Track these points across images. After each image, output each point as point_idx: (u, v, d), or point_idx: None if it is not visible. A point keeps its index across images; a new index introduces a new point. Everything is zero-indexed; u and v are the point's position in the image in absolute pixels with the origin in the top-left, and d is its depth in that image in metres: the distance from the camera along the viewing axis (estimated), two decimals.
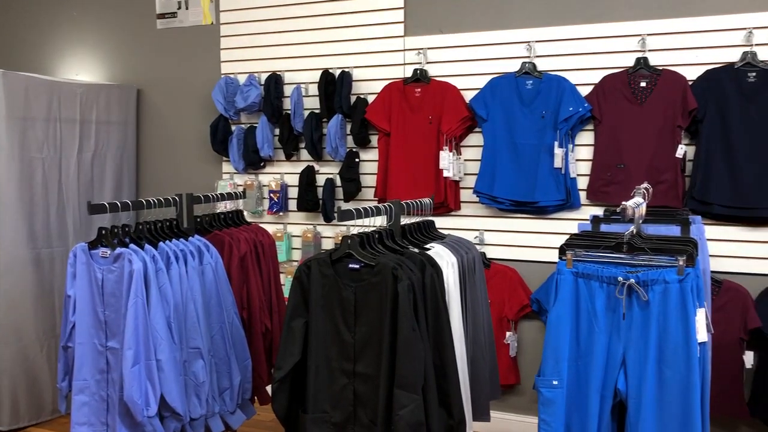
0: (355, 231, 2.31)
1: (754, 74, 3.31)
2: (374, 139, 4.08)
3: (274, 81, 4.24)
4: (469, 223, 3.95)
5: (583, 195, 3.69)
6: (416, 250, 2.42)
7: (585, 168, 3.68)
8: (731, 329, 3.30)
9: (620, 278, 1.89)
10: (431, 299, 2.21)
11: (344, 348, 2.18)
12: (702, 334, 1.91)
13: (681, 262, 1.86)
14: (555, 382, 1.97)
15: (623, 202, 1.96)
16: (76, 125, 4.21)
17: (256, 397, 3.05)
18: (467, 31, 3.90)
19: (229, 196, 3.24)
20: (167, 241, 2.64)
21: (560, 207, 3.70)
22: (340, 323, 2.19)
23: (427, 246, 2.50)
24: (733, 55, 3.38)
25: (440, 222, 3.85)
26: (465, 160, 3.94)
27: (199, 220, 3.01)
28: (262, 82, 4.30)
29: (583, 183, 3.69)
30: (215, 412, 2.71)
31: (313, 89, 4.18)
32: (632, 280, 1.88)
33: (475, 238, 3.90)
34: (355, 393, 2.18)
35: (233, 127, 4.41)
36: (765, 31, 3.33)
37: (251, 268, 2.94)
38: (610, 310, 1.93)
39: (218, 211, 3.17)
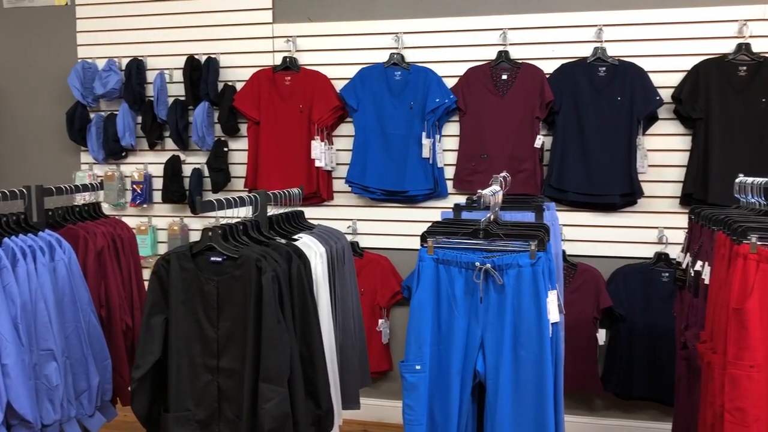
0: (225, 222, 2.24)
1: (604, 69, 3.52)
2: (243, 128, 3.99)
3: (136, 66, 4.03)
4: (342, 212, 3.95)
5: (450, 184, 3.79)
6: (283, 241, 2.39)
7: (452, 158, 3.78)
8: (586, 309, 3.52)
9: (477, 263, 1.95)
10: (298, 290, 2.18)
11: (207, 344, 2.12)
12: (554, 315, 2.01)
13: (533, 247, 1.94)
14: (418, 367, 2.00)
15: (479, 190, 2.02)
16: None
17: (118, 398, 2.91)
18: (336, 20, 3.89)
19: (85, 188, 3.04)
20: (13, 237, 2.45)
21: (429, 196, 3.78)
22: (202, 318, 2.12)
23: (295, 237, 2.47)
24: (586, 51, 3.58)
25: (313, 212, 3.85)
26: (337, 149, 3.93)
27: (51, 213, 2.81)
28: (123, 68, 4.08)
29: (450, 172, 3.79)
30: (71, 417, 2.55)
31: (178, 75, 4.03)
32: (488, 265, 1.94)
33: (348, 227, 3.92)
34: (220, 389, 2.12)
35: (92, 115, 4.16)
36: (614, 29, 3.55)
37: (109, 264, 2.79)
38: (469, 295, 1.99)
39: (75, 204, 2.98)
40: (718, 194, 3.28)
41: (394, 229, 3.88)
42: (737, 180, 2.55)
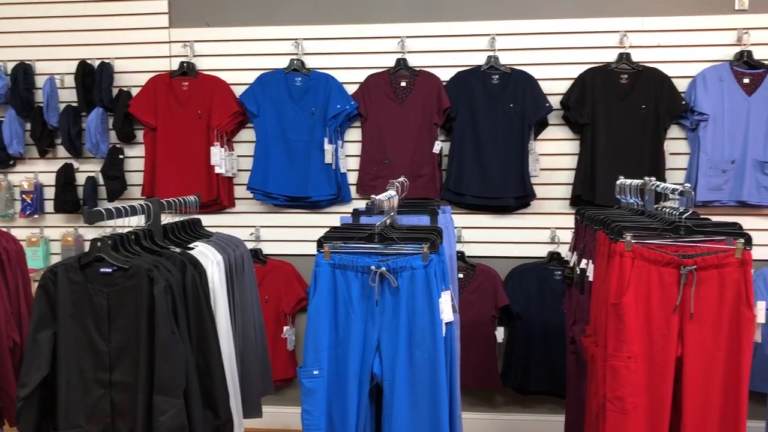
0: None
1: (497, 76, 3.66)
2: (140, 135, 3.89)
3: (23, 71, 3.85)
4: (244, 219, 3.91)
5: (353, 189, 3.83)
6: (178, 250, 2.34)
7: (355, 163, 3.82)
8: (485, 308, 3.64)
9: (373, 267, 1.99)
10: (193, 300, 2.15)
11: (98, 357, 2.05)
12: (447, 315, 2.07)
13: (425, 249, 2.00)
14: (315, 372, 2.02)
15: (372, 196, 2.06)
16: None
17: (5, 419, 2.77)
18: (235, 25, 3.85)
19: None
20: None
21: (332, 201, 3.81)
22: (92, 331, 2.05)
23: (191, 245, 2.43)
24: (480, 59, 3.71)
25: (214, 220, 3.80)
26: (238, 155, 3.89)
27: None
28: (8, 72, 3.88)
29: (353, 178, 3.83)
30: None
31: (70, 81, 3.88)
32: (383, 269, 1.99)
33: (251, 234, 3.88)
34: (113, 403, 2.06)
35: None
36: (506, 38, 3.69)
37: None
38: (365, 298, 2.03)
39: None
40: (605, 195, 3.47)
41: (298, 235, 3.88)
42: (618, 182, 2.72)
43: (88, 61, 3.84)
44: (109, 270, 2.05)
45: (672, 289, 1.97)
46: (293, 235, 3.88)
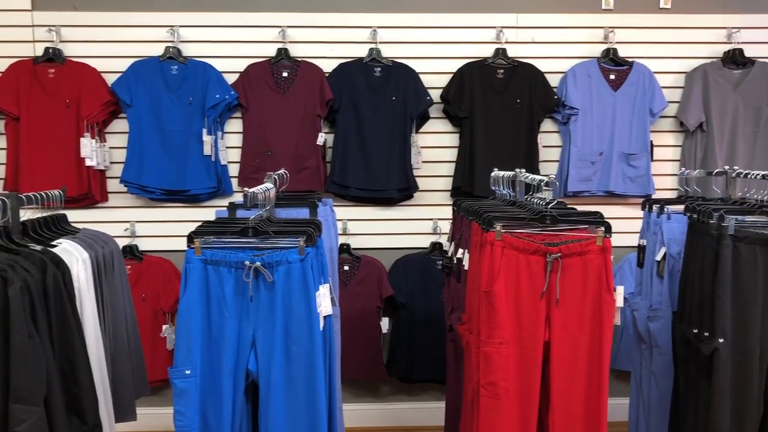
0: None
1: (379, 69, 3.68)
2: (1, 125, 3.61)
3: None
4: (118, 214, 3.73)
5: (235, 182, 3.74)
6: (39, 248, 2.19)
7: (236, 155, 3.73)
8: (370, 299, 3.66)
9: (247, 262, 1.95)
10: (55, 300, 2.02)
11: None
12: (326, 308, 2.06)
13: (301, 243, 1.98)
14: (188, 372, 1.95)
15: (245, 188, 2.02)
16: None
17: None
18: (106, 10, 3.65)
19: None
20: None
21: (213, 194, 3.70)
22: None
23: (54, 243, 2.29)
24: (363, 51, 3.71)
25: (86, 215, 3.60)
26: (110, 147, 3.70)
27: None
28: None
29: (234, 170, 3.73)
30: None
31: None
32: (258, 263, 1.94)
33: (126, 230, 3.71)
34: None
35: None
36: (387, 31, 3.72)
37: None
38: (239, 294, 1.98)
39: None
40: (483, 187, 3.55)
41: (177, 230, 3.73)
42: (492, 174, 2.80)
43: None
44: None
45: (539, 276, 2.05)
46: (172, 230, 3.73)
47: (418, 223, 3.81)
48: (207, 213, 3.70)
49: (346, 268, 3.68)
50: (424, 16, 3.74)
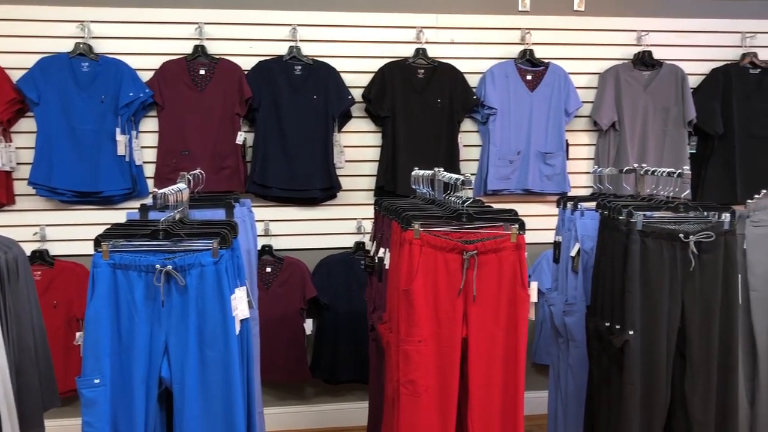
0: None
1: (300, 67, 3.64)
2: None
3: None
4: (26, 218, 3.56)
5: (151, 183, 3.62)
6: None
7: (152, 155, 3.62)
8: (293, 301, 3.62)
9: (158, 266, 1.88)
10: None
11: None
12: (242, 311, 2.02)
13: (215, 245, 1.93)
14: (96, 381, 1.87)
15: (154, 189, 1.95)
16: None
17: None
18: (9, 3, 3.47)
19: None
20: None
21: (128, 196, 3.58)
22: None
23: None
24: (282, 49, 3.66)
25: None
26: (17, 147, 3.52)
27: None
28: None
29: (150, 170, 3.62)
30: None
31: None
32: (169, 267, 1.88)
33: (35, 234, 3.54)
34: None
35: None
36: (308, 29, 3.68)
37: None
38: (150, 299, 1.91)
39: None
40: (405, 186, 3.55)
41: (91, 234, 3.52)
42: (412, 173, 2.81)
43: None
44: None
45: (457, 273, 2.07)
46: (85, 233, 3.54)
47: (341, 223, 3.79)
48: (122, 215, 3.53)
49: (269, 269, 3.63)
50: (345, 15, 3.72)
